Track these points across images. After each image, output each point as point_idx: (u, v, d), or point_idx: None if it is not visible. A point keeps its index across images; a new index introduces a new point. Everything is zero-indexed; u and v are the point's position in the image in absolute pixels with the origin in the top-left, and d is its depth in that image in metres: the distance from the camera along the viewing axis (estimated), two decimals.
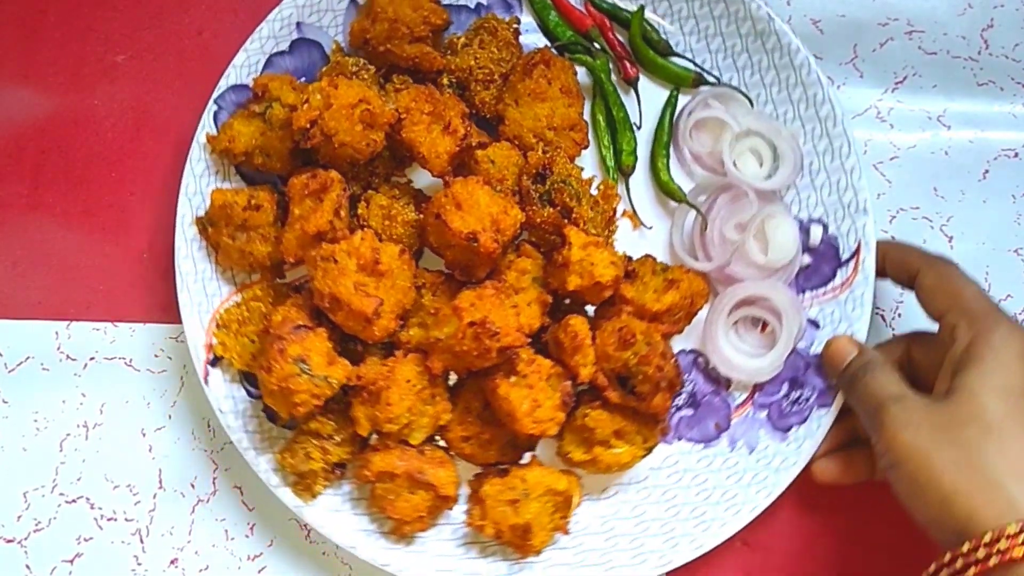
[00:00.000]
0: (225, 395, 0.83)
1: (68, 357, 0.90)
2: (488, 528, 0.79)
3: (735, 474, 0.83)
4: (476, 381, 0.81)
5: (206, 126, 0.84)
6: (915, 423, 0.71)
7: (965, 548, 0.66)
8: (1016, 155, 0.92)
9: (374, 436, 0.81)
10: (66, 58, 0.93)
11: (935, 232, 0.92)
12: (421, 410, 0.80)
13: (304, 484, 0.81)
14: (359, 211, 0.83)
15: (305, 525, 0.87)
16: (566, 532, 0.81)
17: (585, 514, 0.84)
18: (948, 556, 0.67)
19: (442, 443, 0.83)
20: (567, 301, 0.84)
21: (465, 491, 0.83)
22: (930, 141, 0.93)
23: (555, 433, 0.79)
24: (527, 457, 0.83)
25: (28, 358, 0.90)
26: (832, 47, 0.85)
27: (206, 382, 0.83)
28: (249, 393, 0.84)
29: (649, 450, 0.81)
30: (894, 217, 0.84)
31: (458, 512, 0.83)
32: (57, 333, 0.90)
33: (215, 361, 0.83)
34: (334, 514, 0.82)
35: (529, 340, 0.78)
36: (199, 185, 0.84)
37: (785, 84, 0.86)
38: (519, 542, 0.80)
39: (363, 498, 0.83)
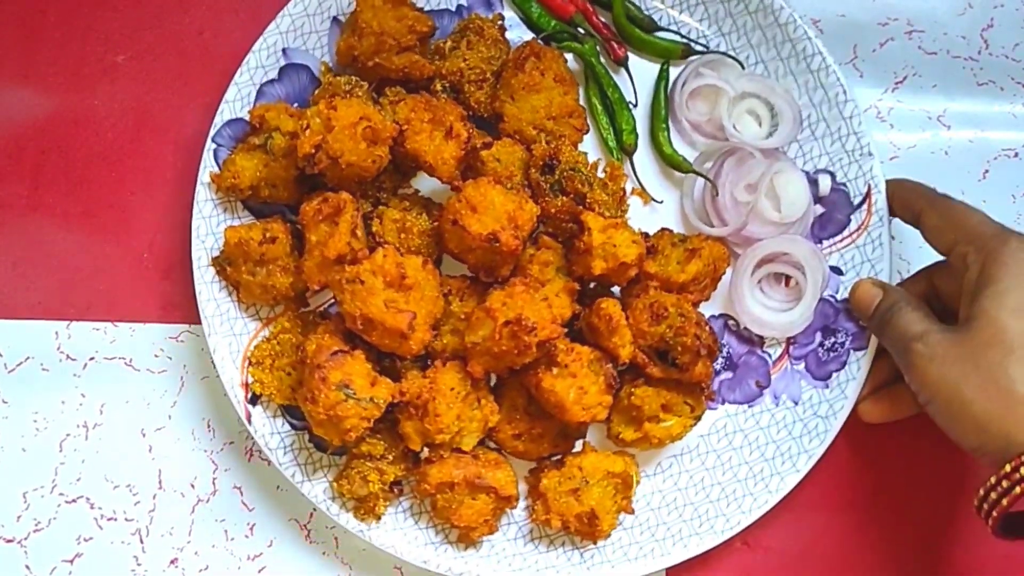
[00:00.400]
0: (270, 432, 0.82)
1: (68, 357, 0.89)
2: (554, 521, 0.80)
3: (784, 427, 0.84)
4: (516, 378, 0.81)
5: (208, 165, 0.83)
6: (940, 356, 0.72)
7: (1008, 468, 0.67)
8: (1016, 155, 0.93)
9: (425, 449, 0.81)
10: (66, 58, 0.92)
11: None
12: (469, 415, 0.80)
13: (366, 508, 0.81)
14: (373, 228, 0.82)
15: (305, 525, 0.87)
16: (631, 511, 0.82)
17: (646, 491, 0.84)
18: (993, 479, 0.68)
19: (493, 445, 0.84)
20: (592, 286, 0.84)
21: (523, 488, 0.83)
22: (930, 141, 0.93)
23: (605, 417, 0.79)
24: (579, 445, 0.83)
25: (28, 358, 0.89)
26: (832, 47, 0.84)
27: (249, 422, 0.82)
28: (293, 426, 0.83)
29: (698, 418, 0.82)
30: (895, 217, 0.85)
31: (519, 510, 0.83)
32: (57, 333, 0.89)
33: (254, 400, 0.83)
34: (398, 532, 0.82)
35: (565, 330, 0.79)
36: (210, 226, 0.83)
37: (773, 42, 0.87)
38: (587, 529, 0.81)
39: (424, 512, 0.83)
